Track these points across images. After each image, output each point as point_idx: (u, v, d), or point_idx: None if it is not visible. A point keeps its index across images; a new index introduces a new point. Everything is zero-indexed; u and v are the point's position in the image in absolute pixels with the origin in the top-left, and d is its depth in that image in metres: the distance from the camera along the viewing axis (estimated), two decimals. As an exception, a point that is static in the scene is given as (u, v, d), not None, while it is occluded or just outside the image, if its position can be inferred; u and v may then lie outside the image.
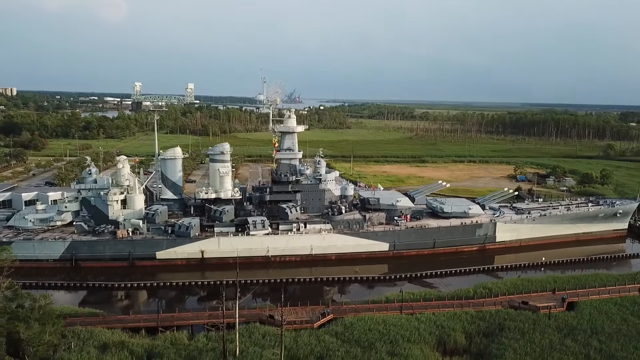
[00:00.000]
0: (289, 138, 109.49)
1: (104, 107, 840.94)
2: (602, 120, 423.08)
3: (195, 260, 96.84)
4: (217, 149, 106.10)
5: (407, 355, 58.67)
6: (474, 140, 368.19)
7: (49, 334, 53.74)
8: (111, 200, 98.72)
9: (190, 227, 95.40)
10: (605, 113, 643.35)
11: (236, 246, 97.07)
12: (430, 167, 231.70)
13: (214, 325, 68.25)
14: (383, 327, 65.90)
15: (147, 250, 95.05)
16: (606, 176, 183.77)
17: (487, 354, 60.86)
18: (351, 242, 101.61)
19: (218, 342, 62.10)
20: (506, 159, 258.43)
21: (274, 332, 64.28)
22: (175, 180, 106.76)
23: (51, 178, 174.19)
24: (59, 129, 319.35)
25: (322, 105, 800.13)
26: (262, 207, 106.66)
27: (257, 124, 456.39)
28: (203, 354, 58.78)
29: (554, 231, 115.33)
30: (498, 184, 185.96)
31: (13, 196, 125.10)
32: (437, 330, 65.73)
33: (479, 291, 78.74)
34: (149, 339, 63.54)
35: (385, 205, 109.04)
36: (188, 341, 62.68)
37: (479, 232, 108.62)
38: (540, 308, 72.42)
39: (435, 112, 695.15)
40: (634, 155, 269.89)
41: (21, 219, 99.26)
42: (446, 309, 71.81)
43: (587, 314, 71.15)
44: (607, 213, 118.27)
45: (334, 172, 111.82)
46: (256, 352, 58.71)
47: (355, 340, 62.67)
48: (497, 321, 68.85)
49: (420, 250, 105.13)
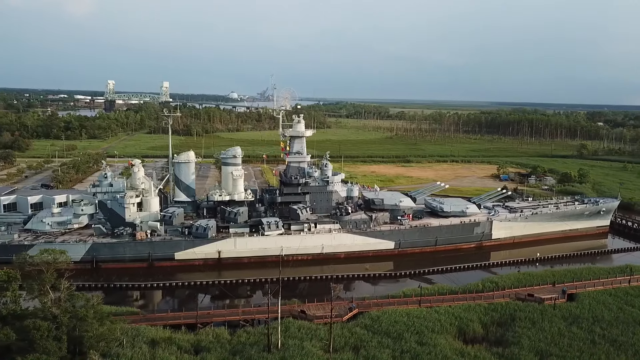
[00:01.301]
0: (298, 142, 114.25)
1: (75, 106, 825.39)
2: (573, 121, 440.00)
3: (213, 260, 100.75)
4: (229, 153, 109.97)
5: (435, 344, 64.34)
6: (453, 140, 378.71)
7: (108, 331, 57.28)
8: (128, 203, 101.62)
9: (207, 228, 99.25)
10: (573, 113, 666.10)
11: (251, 246, 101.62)
12: (415, 167, 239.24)
13: (247, 321, 73.07)
14: (407, 319, 71.46)
15: (166, 251, 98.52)
16: (583, 175, 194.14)
17: (505, 341, 67.04)
18: (359, 241, 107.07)
19: (257, 336, 66.75)
20: (487, 158, 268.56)
21: (307, 326, 69.08)
22: (189, 183, 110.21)
23: (47, 180, 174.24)
24: (40, 129, 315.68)
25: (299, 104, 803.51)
26: (272, 209, 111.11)
27: (238, 123, 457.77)
28: (247, 348, 63.21)
29: (544, 228, 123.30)
30: (483, 183, 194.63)
31: (18, 199, 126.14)
32: (456, 321, 71.69)
33: (487, 285, 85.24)
34: (191, 335, 67.62)
35: (389, 206, 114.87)
36: (229, 336, 66.97)
37: (476, 230, 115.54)
38: (544, 300, 79.19)
39: (410, 111, 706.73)
40: (605, 155, 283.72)
41: (39, 222, 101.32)
42: (460, 302, 77.94)
43: (587, 304, 78.19)
44: (592, 211, 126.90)
45: (339, 174, 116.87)
46: (296, 345, 63.38)
47: (384, 332, 68.06)
48: (508, 312, 75.26)
49: (423, 248, 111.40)
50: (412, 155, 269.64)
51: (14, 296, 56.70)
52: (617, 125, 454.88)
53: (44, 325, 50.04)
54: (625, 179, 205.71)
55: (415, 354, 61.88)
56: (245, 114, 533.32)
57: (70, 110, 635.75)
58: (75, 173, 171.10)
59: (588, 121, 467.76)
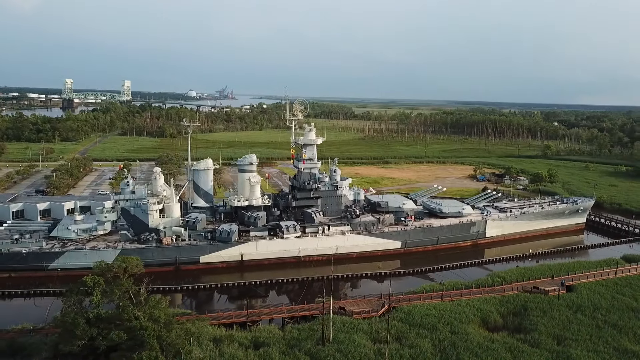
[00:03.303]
0: (310, 149, 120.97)
1: (31, 105, 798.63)
2: (533, 122, 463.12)
3: (235, 262, 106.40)
4: (246, 160, 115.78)
5: (466, 333, 72.96)
6: (422, 140, 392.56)
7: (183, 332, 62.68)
8: (151, 210, 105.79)
9: (231, 232, 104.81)
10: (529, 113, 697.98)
11: (272, 248, 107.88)
12: (395, 168, 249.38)
13: (292, 318, 79.71)
14: (435, 312, 79.79)
15: (192, 255, 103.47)
16: (553, 175, 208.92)
17: (523, 329, 76.31)
18: (369, 241, 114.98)
19: (306, 331, 73.45)
20: (459, 159, 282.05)
21: (349, 321, 76.26)
22: (207, 190, 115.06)
23: (38, 185, 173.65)
24: (10, 132, 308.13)
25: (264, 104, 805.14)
26: (286, 212, 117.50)
27: (208, 124, 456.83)
28: (302, 342, 69.91)
29: (530, 226, 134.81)
30: (462, 184, 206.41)
31: (26, 206, 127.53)
32: (478, 313, 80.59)
33: (496, 280, 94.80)
34: (245, 332, 73.62)
35: (394, 208, 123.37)
36: (281, 332, 73.38)
37: (473, 229, 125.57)
38: (548, 291, 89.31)
39: (374, 111, 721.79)
40: (567, 155, 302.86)
41: (64, 230, 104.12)
42: (477, 296, 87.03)
43: (585, 294, 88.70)
44: (571, 210, 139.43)
45: (347, 179, 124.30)
46: (346, 338, 70.54)
47: (418, 324, 76.05)
48: (520, 303, 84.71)
49: (426, 247, 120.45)
50: (388, 157, 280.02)
51: (98, 300, 61.26)
52: (571, 125, 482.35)
53: (150, 326, 55.23)
54: (590, 178, 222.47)
55: (452, 342, 70.23)
56: (214, 114, 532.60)
57: (25, 109, 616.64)
58: (69, 178, 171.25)
59: (547, 122, 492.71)
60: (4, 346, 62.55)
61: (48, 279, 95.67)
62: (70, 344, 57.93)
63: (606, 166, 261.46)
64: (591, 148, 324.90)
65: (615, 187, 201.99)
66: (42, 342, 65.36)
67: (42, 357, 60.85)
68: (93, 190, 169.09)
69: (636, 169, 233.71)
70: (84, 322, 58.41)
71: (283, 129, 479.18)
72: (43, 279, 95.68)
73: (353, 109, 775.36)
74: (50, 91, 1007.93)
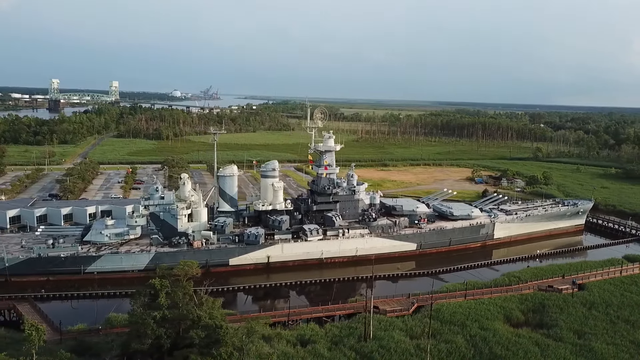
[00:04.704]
0: (329, 156, 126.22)
1: (17, 105, 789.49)
2: (521, 124, 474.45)
3: (262, 264, 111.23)
4: (269, 166, 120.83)
5: (494, 329, 78.94)
6: (414, 142, 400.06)
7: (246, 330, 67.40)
8: (181, 215, 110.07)
9: (259, 235, 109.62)
10: (514, 114, 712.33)
11: (296, 251, 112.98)
12: (394, 170, 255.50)
13: (329, 316, 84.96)
14: (461, 310, 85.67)
15: (222, 257, 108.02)
16: (547, 178, 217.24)
17: (545, 324, 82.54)
18: (387, 243, 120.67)
19: (346, 329, 78.65)
20: (455, 161, 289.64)
21: (385, 319, 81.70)
22: (232, 195, 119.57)
23: (50, 189, 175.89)
24: (7, 134, 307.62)
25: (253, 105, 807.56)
26: (307, 216, 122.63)
27: (201, 125, 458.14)
28: (344, 339, 75.15)
29: (534, 228, 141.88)
30: (461, 186, 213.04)
31: (49, 211, 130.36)
32: (501, 310, 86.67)
33: (512, 279, 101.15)
34: (288, 330, 78.55)
35: (408, 211, 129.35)
36: (322, 330, 78.43)
37: (482, 231, 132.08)
38: (562, 290, 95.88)
39: (363, 112, 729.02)
40: (557, 157, 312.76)
41: (98, 234, 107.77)
42: (497, 295, 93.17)
43: (596, 292, 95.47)
44: (572, 212, 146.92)
45: (364, 184, 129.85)
46: (385, 334, 76.00)
47: (448, 321, 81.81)
48: (538, 301, 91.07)
49: (439, 248, 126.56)
50: (386, 159, 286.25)
51: (163, 302, 65.68)
52: (557, 127, 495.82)
53: (225, 325, 59.98)
54: (582, 180, 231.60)
55: (483, 337, 76.13)
56: (206, 115, 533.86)
57: (11, 110, 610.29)
58: (81, 182, 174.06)
59: (535, 124, 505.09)
60: (74, 345, 66.60)
61: (86, 282, 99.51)
62: (140, 342, 62.47)
63: (596, 168, 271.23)
64: (580, 150, 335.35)
65: (607, 188, 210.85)
66: (105, 341, 69.71)
67: (113, 355, 65.12)
68: (105, 194, 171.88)
69: (625, 171, 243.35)
70: (152, 322, 62.91)
71: (276, 131, 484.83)
72: (80, 282, 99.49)
73: (341, 110, 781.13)
74: (33, 90, 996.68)
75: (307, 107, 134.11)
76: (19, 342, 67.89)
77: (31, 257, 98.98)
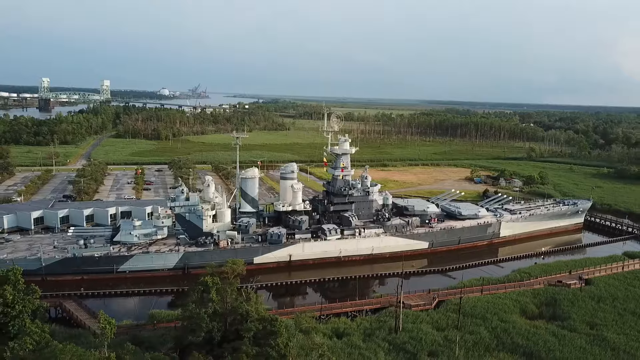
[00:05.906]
0: (344, 158, 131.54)
1: (6, 105, 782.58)
2: (513, 124, 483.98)
3: (284, 262, 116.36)
4: (288, 168, 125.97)
5: (513, 321, 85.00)
6: (410, 142, 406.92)
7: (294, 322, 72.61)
8: (206, 215, 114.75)
9: (281, 235, 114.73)
10: (501, 113, 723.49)
11: (316, 249, 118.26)
12: (394, 170, 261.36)
13: (358, 311, 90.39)
14: (480, 304, 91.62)
15: (247, 256, 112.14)
16: (543, 177, 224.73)
17: (558, 317, 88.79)
18: (401, 242, 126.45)
19: (376, 322, 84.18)
20: (452, 161, 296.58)
21: (411, 313, 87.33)
22: (254, 196, 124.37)
23: (62, 190, 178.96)
24: (8, 135, 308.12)
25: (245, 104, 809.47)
26: (324, 216, 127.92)
27: (197, 125, 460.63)
28: (376, 331, 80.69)
29: (537, 226, 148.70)
30: (461, 186, 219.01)
31: (71, 212, 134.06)
32: (517, 304, 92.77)
33: (523, 275, 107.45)
34: (323, 324, 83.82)
35: (419, 211, 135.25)
36: (354, 323, 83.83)
37: (489, 230, 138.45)
38: (570, 285, 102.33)
39: (355, 111, 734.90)
40: (550, 157, 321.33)
41: (127, 235, 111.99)
42: (511, 290, 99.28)
43: (602, 286, 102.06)
44: (572, 211, 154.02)
45: (377, 185, 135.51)
46: (413, 327, 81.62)
47: (469, 314, 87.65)
48: (549, 295, 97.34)
49: (449, 247, 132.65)
50: (384, 159, 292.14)
51: (214, 297, 70.56)
52: (546, 127, 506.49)
53: (278, 319, 65.18)
54: (576, 180, 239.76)
55: (504, 329, 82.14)
56: (201, 115, 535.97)
57: (0, 109, 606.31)
58: (94, 183, 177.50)
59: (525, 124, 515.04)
60: (128, 339, 71.14)
61: (119, 280, 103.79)
62: (195, 335, 67.38)
63: (588, 168, 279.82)
64: (572, 150, 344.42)
65: (601, 188, 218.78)
66: (156, 335, 74.42)
67: (167, 348, 69.89)
68: (117, 195, 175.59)
69: (617, 171, 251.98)
70: (206, 317, 67.84)
71: (272, 131, 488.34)
72: (113, 280, 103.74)
73: (331, 109, 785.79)
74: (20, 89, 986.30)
75: (324, 111, 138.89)
76: (74, 337, 72.52)
77: (66, 257, 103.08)
